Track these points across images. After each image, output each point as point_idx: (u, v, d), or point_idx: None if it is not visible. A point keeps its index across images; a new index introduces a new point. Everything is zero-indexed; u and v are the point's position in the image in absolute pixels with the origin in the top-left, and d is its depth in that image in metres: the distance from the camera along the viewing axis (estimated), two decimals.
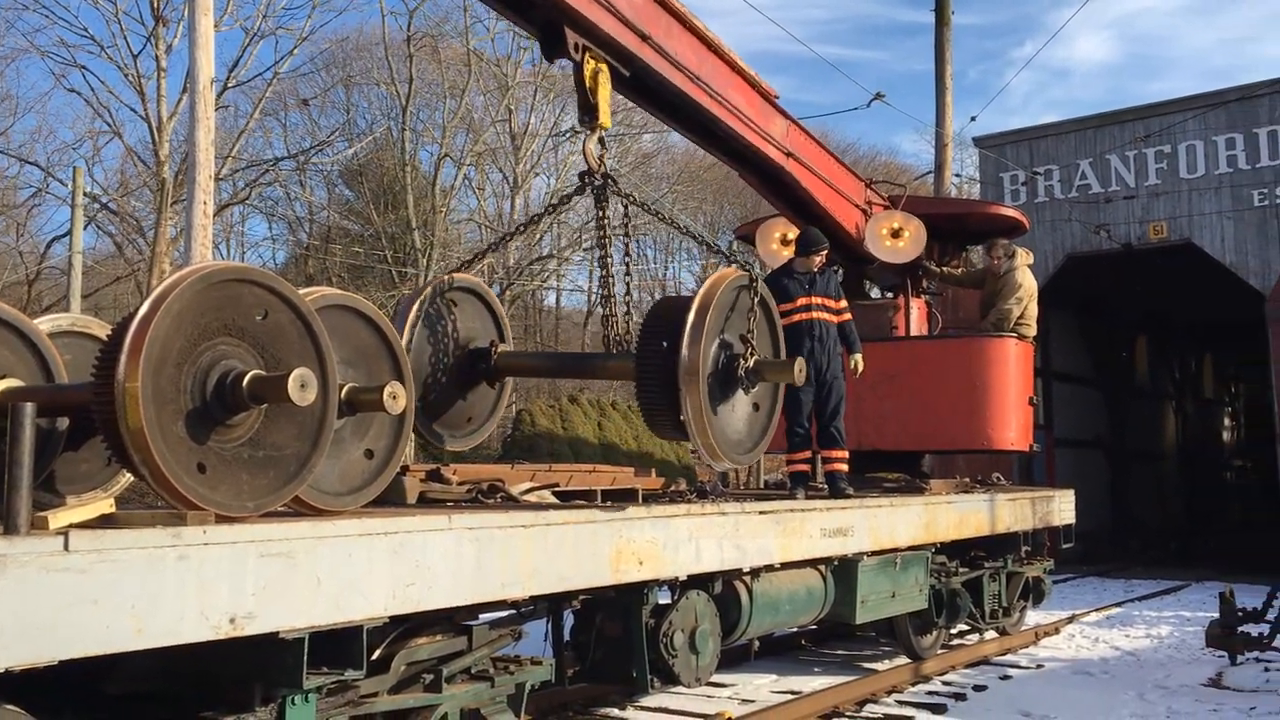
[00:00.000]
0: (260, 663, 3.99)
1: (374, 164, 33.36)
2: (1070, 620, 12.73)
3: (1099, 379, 23.83)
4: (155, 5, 23.72)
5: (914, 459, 10.59)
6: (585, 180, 6.10)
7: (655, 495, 6.75)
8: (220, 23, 22.02)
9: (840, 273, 11.04)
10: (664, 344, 5.49)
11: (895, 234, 10.31)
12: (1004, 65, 75.05)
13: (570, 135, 32.35)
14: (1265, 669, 9.35)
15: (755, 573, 6.82)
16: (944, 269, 11.35)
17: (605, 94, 6.17)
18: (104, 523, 3.67)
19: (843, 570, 7.74)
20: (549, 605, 5.81)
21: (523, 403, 26.39)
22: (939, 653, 9.73)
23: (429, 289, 6.14)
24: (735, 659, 9.01)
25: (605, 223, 6.11)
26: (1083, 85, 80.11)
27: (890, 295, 11.50)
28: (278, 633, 3.79)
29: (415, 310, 5.96)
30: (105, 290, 30.64)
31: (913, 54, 71.82)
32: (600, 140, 6.11)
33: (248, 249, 38.00)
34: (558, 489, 6.25)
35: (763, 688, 8.56)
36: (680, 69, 6.99)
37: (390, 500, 5.12)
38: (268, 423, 4.06)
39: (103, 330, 5.02)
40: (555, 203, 6.88)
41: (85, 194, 26.46)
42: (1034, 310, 10.74)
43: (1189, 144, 18.14)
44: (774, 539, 6.68)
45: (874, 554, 7.91)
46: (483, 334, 6.37)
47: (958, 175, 27.09)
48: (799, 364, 5.80)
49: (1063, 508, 11.44)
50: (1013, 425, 10.46)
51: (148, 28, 24.20)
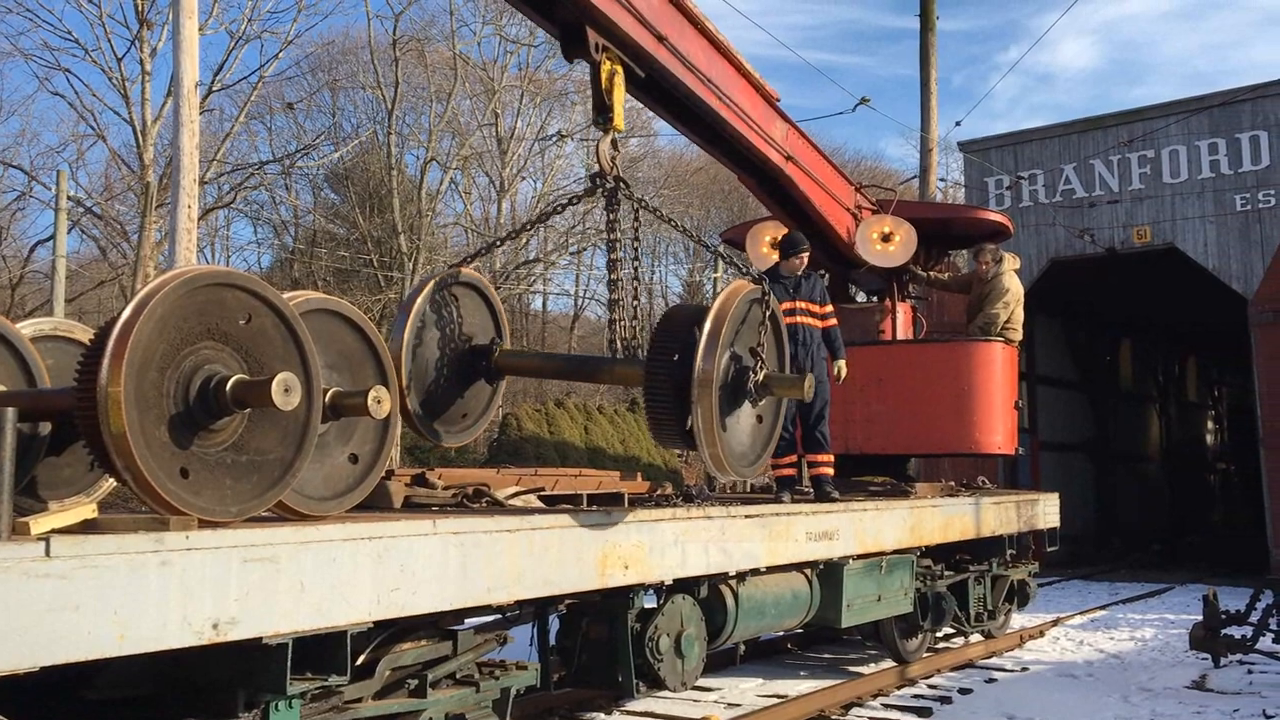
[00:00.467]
0: (244, 668, 3.98)
1: (360, 168, 33.31)
2: (1055, 623, 12.79)
3: (1083, 383, 23.92)
4: (140, 9, 23.63)
5: (900, 462, 10.63)
6: (597, 182, 6.00)
7: (641, 499, 6.75)
8: (205, 26, 21.95)
9: (826, 277, 11.08)
10: (675, 354, 5.43)
11: (886, 238, 10.34)
12: (989, 70, 75.50)
13: (556, 140, 32.35)
14: (1248, 671, 9.40)
15: (741, 576, 6.83)
16: (930, 273, 11.38)
17: (620, 96, 6.12)
18: (86, 528, 3.65)
19: (828, 574, 7.75)
20: (534, 610, 5.80)
21: (509, 406, 26.33)
22: (924, 656, 9.76)
23: (434, 282, 6.00)
24: (721, 663, 9.03)
25: (617, 225, 6.05)
26: (1067, 90, 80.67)
27: (874, 299, 11.53)
28: (261, 638, 3.78)
29: (419, 303, 5.84)
30: (89, 294, 30.53)
31: (898, 59, 72.36)
32: (614, 142, 6.02)
33: (233, 253, 37.97)
34: (544, 493, 6.23)
35: (749, 691, 8.57)
36: (692, 70, 6.98)
37: (375, 505, 5.10)
38: (251, 427, 4.05)
39: (86, 335, 5.00)
40: (564, 202, 6.74)
41: (69, 198, 26.37)
42: (1020, 315, 10.78)
43: (1172, 149, 18.23)
44: (760, 543, 6.69)
45: (859, 557, 7.93)
46: (481, 331, 6.27)
47: (943, 180, 27.22)
48: (809, 381, 5.75)
49: (1047, 511, 11.48)
50: (999, 429, 10.51)
51: (132, 31, 24.12)
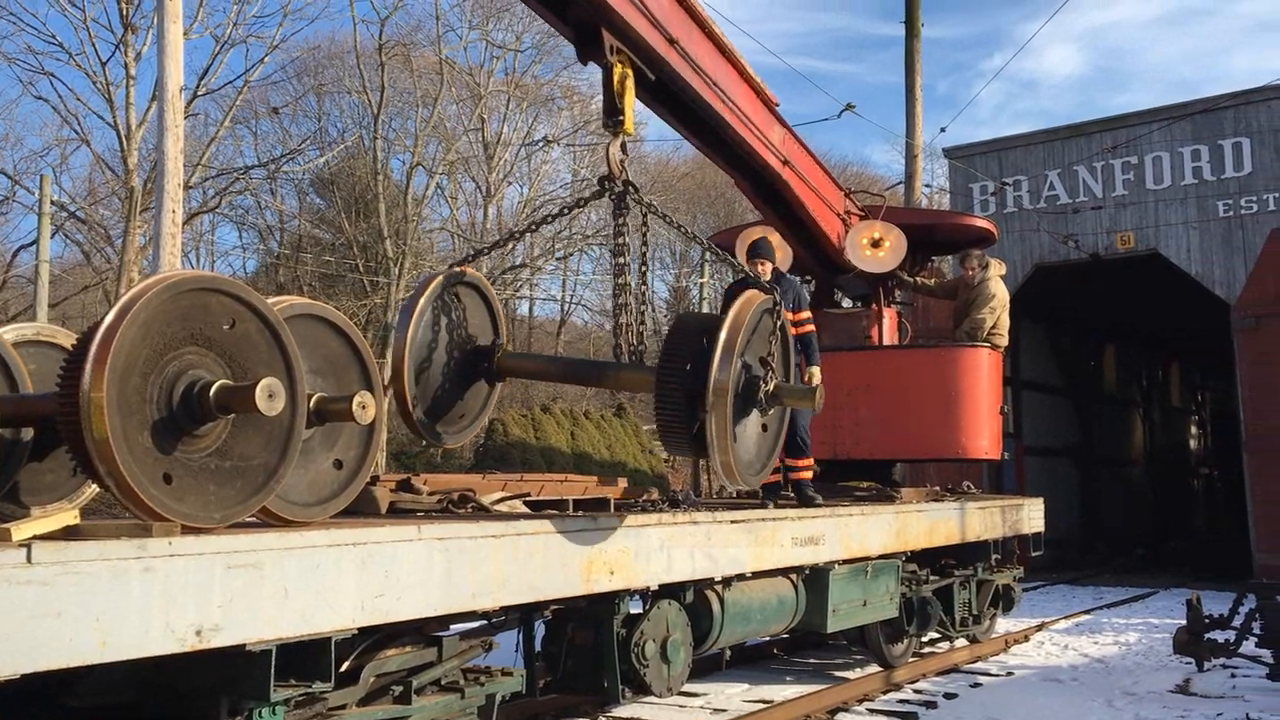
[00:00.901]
0: (227, 675, 3.97)
1: (345, 172, 33.21)
2: (1040, 628, 12.83)
3: (1068, 388, 24.02)
4: (124, 13, 23.53)
5: (886, 467, 10.65)
6: (606, 185, 5.95)
7: (627, 504, 6.75)
8: (190, 31, 21.84)
9: (812, 283, 11.09)
10: (687, 361, 5.40)
11: (875, 244, 10.37)
12: (974, 77, 75.89)
13: (543, 145, 32.34)
14: (1232, 675, 9.44)
15: (727, 582, 6.83)
16: (916, 279, 11.42)
17: (631, 99, 6.09)
18: (68, 534, 3.63)
19: (814, 579, 7.75)
20: (520, 615, 5.78)
21: (495, 411, 26.24)
22: (910, 661, 9.78)
23: (438, 281, 5.91)
24: (707, 668, 9.02)
25: (624, 229, 6.00)
26: (1051, 97, 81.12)
27: (859, 305, 11.56)
28: (245, 645, 3.76)
29: (423, 302, 5.75)
30: (72, 299, 30.38)
31: (884, 66, 72.75)
32: (623, 146, 5.99)
33: (218, 258, 37.78)
34: (529, 499, 6.23)
35: (734, 697, 8.57)
36: (699, 74, 7.00)
37: (360, 511, 5.09)
38: (235, 433, 4.03)
39: (68, 340, 4.97)
40: (571, 205, 6.67)
41: (53, 202, 26.24)
42: (1006, 321, 10.82)
43: (1155, 155, 18.34)
44: (746, 548, 6.69)
45: (845, 562, 7.94)
46: (481, 331, 6.20)
47: (928, 186, 27.35)
48: (819, 392, 5.75)
49: (1032, 516, 11.52)
50: (985, 434, 10.55)
51: (117, 35, 24.02)
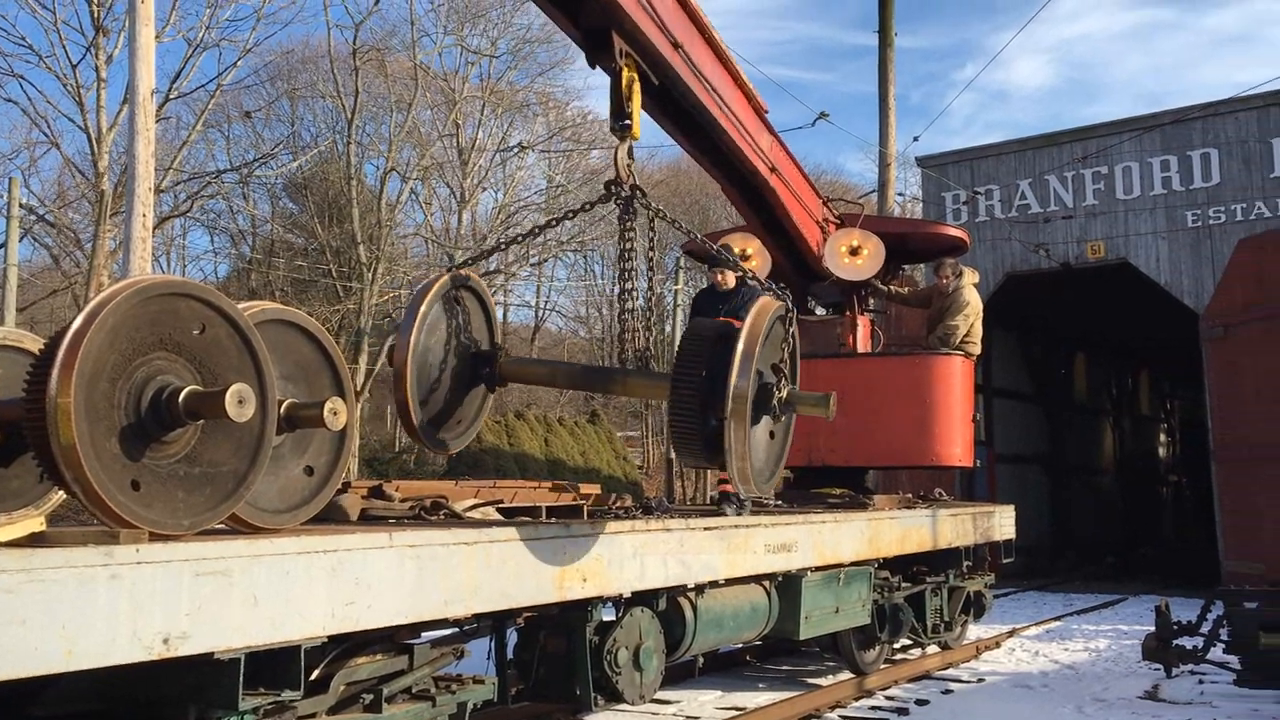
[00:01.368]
0: (195, 684, 3.93)
1: (319, 177, 33.05)
2: (1011, 634, 12.89)
3: (1039, 396, 24.19)
4: (95, 15, 23.33)
5: (859, 474, 10.68)
6: (612, 190, 5.92)
7: (601, 511, 6.74)
8: (162, 34, 21.69)
9: (788, 291, 11.10)
10: (702, 369, 5.40)
11: (854, 252, 10.42)
12: (946, 87, 76.55)
13: (518, 151, 32.28)
14: (1200, 681, 9.52)
15: (700, 589, 6.83)
16: (890, 287, 11.47)
17: (638, 104, 6.10)
18: (34, 541, 3.60)
19: (787, 586, 7.76)
20: (492, 623, 5.77)
21: None
22: (882, 667, 9.80)
23: (439, 284, 5.83)
24: (680, 676, 9.01)
25: (632, 235, 5.95)
26: (1022, 108, 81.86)
27: (832, 312, 11.59)
28: (213, 653, 3.74)
29: (426, 307, 5.69)
30: (41, 304, 30.04)
31: (858, 76, 73.17)
32: (630, 150, 5.97)
33: (189, 262, 37.50)
34: (502, 505, 6.21)
35: (707, 704, 8.56)
36: (700, 78, 7.00)
37: (331, 518, 5.06)
38: (205, 439, 4.00)
39: (36, 345, 4.91)
40: (577, 208, 6.62)
41: (21, 205, 25.94)
42: (979, 329, 10.88)
43: (1125, 165, 18.51)
44: (719, 555, 6.69)
45: (818, 569, 7.96)
46: (479, 336, 6.15)
47: (901, 194, 27.51)
48: (833, 399, 5.72)
49: (1003, 523, 11.59)
50: (958, 441, 10.61)
51: (88, 38, 23.81)
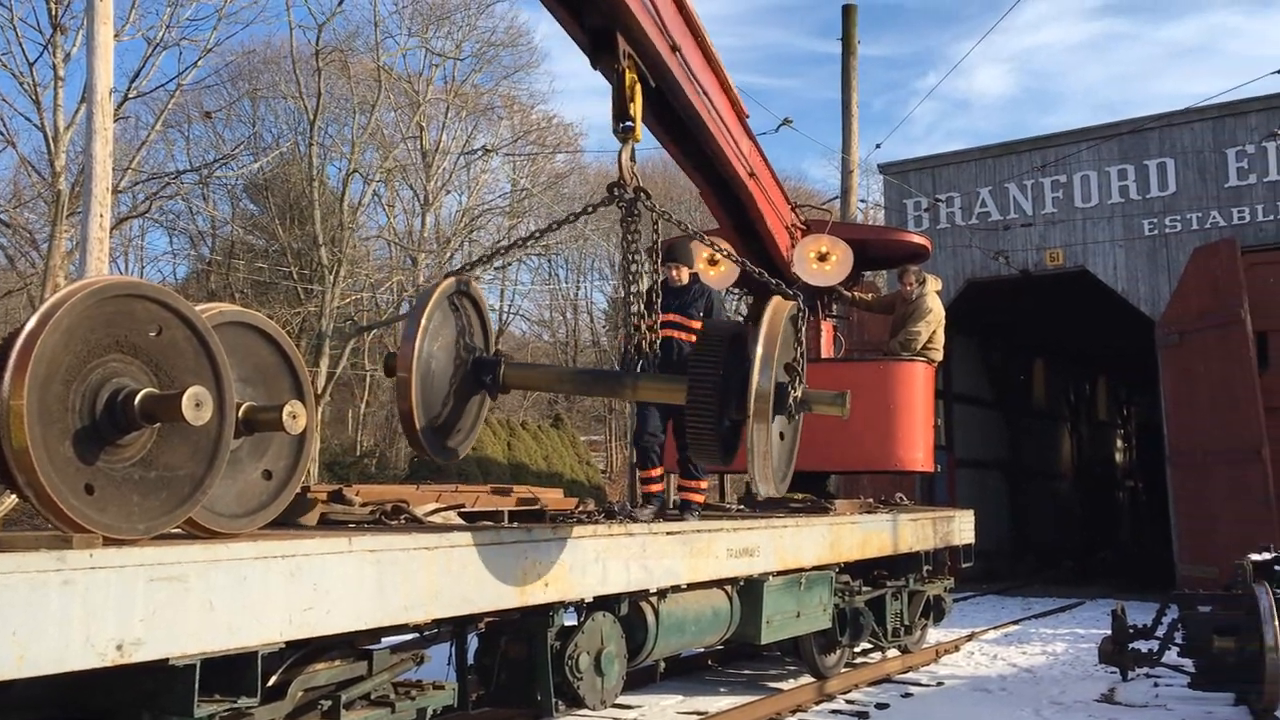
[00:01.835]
0: (150, 690, 3.89)
1: (280, 178, 32.74)
2: (970, 638, 12.99)
3: (998, 402, 24.43)
4: (53, 13, 22.97)
5: (822, 479, 10.73)
6: (615, 192, 5.86)
7: (563, 515, 6.72)
8: (121, 32, 21.40)
9: (751, 295, 11.16)
10: (719, 370, 5.37)
11: (822, 258, 10.47)
12: (908, 95, 77.22)
13: (482, 154, 32.15)
14: (1155, 684, 9.64)
15: (662, 593, 6.83)
16: (854, 294, 11.54)
17: (640, 106, 6.08)
18: None
19: (748, 590, 7.78)
20: (452, 628, 5.73)
21: None
22: (843, 671, 9.84)
23: (442, 289, 5.68)
24: (641, 680, 9.00)
25: (636, 237, 5.88)
26: (983, 116, 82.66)
27: None
28: (168, 660, 3.69)
29: (428, 313, 5.53)
30: None
31: (821, 83, 73.31)
32: (632, 153, 5.93)
33: (147, 263, 36.97)
34: (464, 510, 6.18)
35: (669, 709, 8.56)
36: (694, 81, 7.00)
37: (290, 522, 5.01)
38: (161, 443, 3.95)
39: None
40: (578, 211, 6.45)
41: None
42: (941, 336, 10.97)
43: (1083, 174, 18.76)
44: (681, 560, 6.69)
45: (779, 574, 7.98)
46: (478, 343, 6.02)
47: (863, 201, 27.58)
48: (848, 398, 5.63)
49: (963, 527, 11.68)
50: (920, 446, 10.69)
51: (45, 35, 23.45)
